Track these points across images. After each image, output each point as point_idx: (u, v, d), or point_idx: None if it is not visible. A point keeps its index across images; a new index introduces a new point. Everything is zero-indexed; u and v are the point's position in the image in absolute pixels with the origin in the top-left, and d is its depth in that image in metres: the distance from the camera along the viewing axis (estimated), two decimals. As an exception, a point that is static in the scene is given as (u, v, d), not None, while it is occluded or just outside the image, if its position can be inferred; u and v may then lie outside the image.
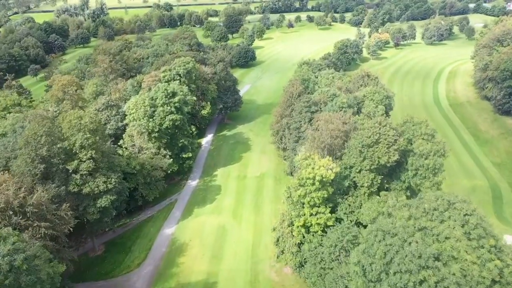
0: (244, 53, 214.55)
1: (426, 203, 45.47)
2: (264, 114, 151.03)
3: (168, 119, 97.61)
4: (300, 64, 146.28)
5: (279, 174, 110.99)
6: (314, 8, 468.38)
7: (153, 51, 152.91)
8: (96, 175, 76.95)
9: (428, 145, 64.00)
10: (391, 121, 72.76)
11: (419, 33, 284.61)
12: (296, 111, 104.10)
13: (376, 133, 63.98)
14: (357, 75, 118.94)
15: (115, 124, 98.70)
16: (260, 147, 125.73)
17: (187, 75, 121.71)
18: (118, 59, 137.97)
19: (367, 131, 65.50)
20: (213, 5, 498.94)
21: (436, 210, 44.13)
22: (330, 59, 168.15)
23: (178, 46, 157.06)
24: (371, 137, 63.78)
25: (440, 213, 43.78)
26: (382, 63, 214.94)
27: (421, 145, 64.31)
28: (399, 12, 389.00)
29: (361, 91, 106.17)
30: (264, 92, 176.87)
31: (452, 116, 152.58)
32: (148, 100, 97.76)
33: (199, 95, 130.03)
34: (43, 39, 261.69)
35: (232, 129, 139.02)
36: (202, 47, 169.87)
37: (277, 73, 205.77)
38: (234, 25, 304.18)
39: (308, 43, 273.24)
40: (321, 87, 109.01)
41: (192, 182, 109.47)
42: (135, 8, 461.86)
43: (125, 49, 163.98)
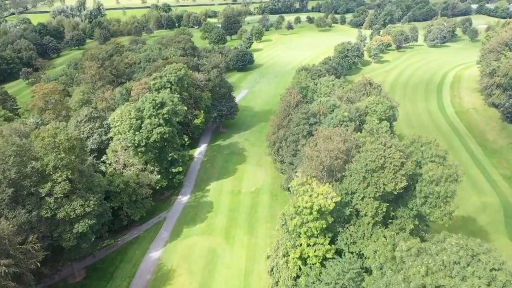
0: (241, 57, 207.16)
1: (445, 253, 38.17)
2: (261, 121, 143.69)
3: (156, 132, 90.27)
4: (299, 70, 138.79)
5: (275, 189, 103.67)
6: (314, 9, 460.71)
7: (145, 56, 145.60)
8: (73, 198, 69.69)
9: (439, 170, 56.61)
10: (397, 140, 65.38)
11: (421, 35, 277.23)
12: (293, 122, 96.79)
13: (381, 156, 56.60)
14: (359, 83, 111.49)
15: (98, 137, 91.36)
16: (256, 159, 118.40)
17: (179, 82, 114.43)
18: (107, 65, 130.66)
19: (370, 153, 58.11)
20: (212, 6, 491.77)
21: (457, 264, 36.87)
22: (330, 64, 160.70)
23: (171, 50, 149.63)
24: (375, 161, 56.42)
25: (462, 268, 36.53)
26: (384, 66, 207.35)
27: (431, 170, 56.93)
28: (401, 13, 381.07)
29: (363, 101, 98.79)
30: (261, 97, 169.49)
31: (458, 124, 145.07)
32: (134, 112, 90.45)
33: (192, 103, 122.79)
34: (37, 41, 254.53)
35: (227, 139, 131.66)
36: (197, 51, 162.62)
37: (276, 77, 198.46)
38: (233, 26, 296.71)
39: (308, 46, 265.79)
40: (320, 97, 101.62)
41: (182, 198, 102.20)
42: (133, 9, 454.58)
43: (117, 53, 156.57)
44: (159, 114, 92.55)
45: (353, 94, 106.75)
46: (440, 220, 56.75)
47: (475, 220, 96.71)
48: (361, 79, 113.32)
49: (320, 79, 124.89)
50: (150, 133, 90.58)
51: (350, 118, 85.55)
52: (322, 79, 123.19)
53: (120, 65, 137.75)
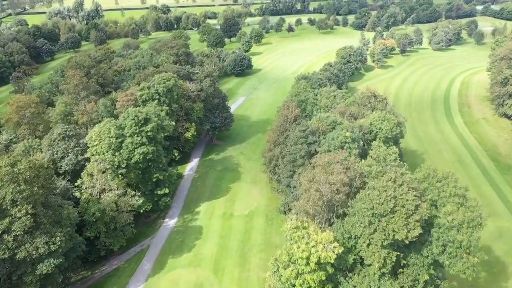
0: (239, 61, 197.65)
1: None
2: (257, 132, 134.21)
3: (138, 152, 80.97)
4: (298, 78, 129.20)
5: (271, 212, 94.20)
6: (316, 10, 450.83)
7: (135, 63, 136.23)
8: (36, 234, 60.48)
9: (459, 213, 47.14)
10: (408, 174, 55.72)
11: (425, 38, 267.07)
12: (290, 140, 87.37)
13: (390, 197, 47.12)
14: (363, 95, 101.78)
15: (74, 158, 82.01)
16: (250, 176, 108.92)
17: (168, 94, 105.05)
18: (93, 73, 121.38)
19: (377, 193, 48.62)
20: (213, 7, 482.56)
21: None
22: (332, 71, 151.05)
23: (163, 57, 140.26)
24: (384, 203, 46.94)
25: None
26: (388, 72, 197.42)
27: (450, 213, 47.42)
28: (404, 15, 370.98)
29: (367, 118, 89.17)
30: (259, 106, 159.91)
31: (467, 136, 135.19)
32: (114, 130, 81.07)
33: (183, 115, 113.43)
34: (30, 44, 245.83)
35: (221, 152, 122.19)
36: (191, 57, 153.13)
37: (275, 83, 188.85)
38: (232, 28, 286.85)
39: (309, 49, 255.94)
40: (320, 111, 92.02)
41: (169, 222, 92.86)
42: (132, 10, 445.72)
43: (106, 59, 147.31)
44: (142, 132, 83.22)
45: (356, 108, 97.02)
46: (462, 274, 47.24)
47: (490, 248, 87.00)
48: (364, 90, 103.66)
49: (321, 89, 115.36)
50: (131, 154, 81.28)
51: (353, 139, 75.99)
52: (322, 90, 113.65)
53: (108, 73, 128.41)
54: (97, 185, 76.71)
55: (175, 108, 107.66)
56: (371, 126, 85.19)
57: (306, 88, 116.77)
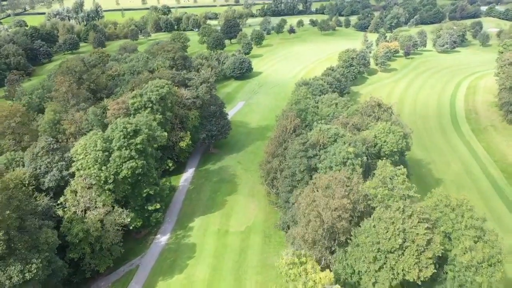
0: (239, 64, 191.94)
1: None
2: (256, 140, 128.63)
3: (126, 167, 75.54)
4: (298, 84, 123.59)
5: (268, 229, 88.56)
6: (318, 11, 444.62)
7: (129, 68, 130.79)
8: (9, 261, 55.26)
9: (478, 251, 41.46)
10: (417, 196, 50.02)
11: (429, 39, 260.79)
12: (289, 153, 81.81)
13: (399, 231, 41.50)
14: (366, 104, 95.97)
15: (58, 173, 76.59)
16: (248, 188, 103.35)
17: (161, 101, 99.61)
18: (85, 79, 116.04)
19: (384, 225, 43.00)
20: (214, 7, 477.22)
21: None
22: (334, 76, 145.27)
23: (159, 61, 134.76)
24: (391, 238, 41.33)
25: None
26: (392, 76, 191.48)
27: (467, 251, 41.74)
28: (407, 16, 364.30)
29: (371, 129, 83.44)
30: (259, 111, 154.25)
31: (475, 144, 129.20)
32: (100, 142, 75.65)
33: (178, 123, 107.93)
34: (27, 45, 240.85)
35: (217, 162, 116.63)
36: (189, 61, 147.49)
37: (275, 87, 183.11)
38: (232, 30, 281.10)
39: (311, 51, 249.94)
40: (321, 123, 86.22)
41: (161, 238, 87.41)
42: (133, 10, 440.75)
43: (100, 63, 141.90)
44: (131, 145, 77.75)
45: (359, 118, 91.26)
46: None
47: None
48: (368, 99, 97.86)
49: (322, 96, 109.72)
50: (119, 168, 75.88)
51: (356, 154, 70.30)
52: (324, 97, 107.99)
53: (101, 78, 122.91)
54: (81, 202, 71.27)
55: (169, 117, 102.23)
56: (376, 138, 79.52)
57: (307, 94, 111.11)
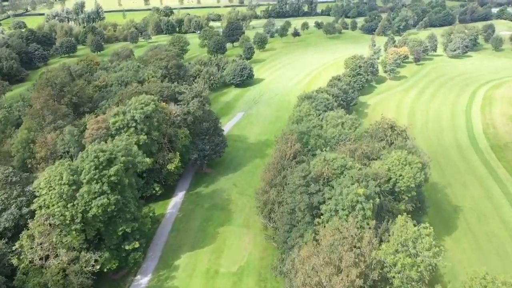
0: (239, 71, 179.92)
1: None
2: (255, 158, 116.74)
3: (95, 204, 63.89)
4: (301, 98, 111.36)
5: (265, 269, 76.41)
6: (324, 12, 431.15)
7: (117, 78, 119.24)
8: None
9: None
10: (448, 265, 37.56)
11: (440, 43, 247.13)
12: (288, 187, 69.82)
13: None
14: (378, 126, 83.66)
15: (16, 211, 65.14)
16: (243, 217, 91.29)
17: (146, 120, 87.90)
18: (67, 91, 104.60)
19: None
20: (218, 8, 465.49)
21: None
22: (340, 86, 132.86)
23: (150, 70, 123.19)
24: None
25: None
26: (401, 84, 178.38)
27: None
28: (416, 18, 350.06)
29: (384, 159, 71.10)
30: (259, 123, 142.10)
31: (495, 163, 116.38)
32: (67, 175, 64.13)
33: (166, 142, 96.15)
34: (22, 49, 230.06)
35: (210, 184, 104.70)
36: (183, 70, 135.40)
37: (277, 95, 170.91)
38: (235, 33, 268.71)
39: (316, 55, 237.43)
40: (325, 150, 74.04)
41: (141, 280, 75.57)
42: (134, 11, 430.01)
43: (88, 73, 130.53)
44: (103, 177, 66.05)
45: (369, 142, 78.88)
46: None
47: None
48: (379, 119, 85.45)
49: (327, 113, 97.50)
50: (88, 205, 64.27)
51: (368, 196, 58.08)
52: (329, 115, 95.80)
53: (85, 90, 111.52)
54: (39, 250, 59.69)
55: (155, 137, 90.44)
56: (389, 172, 67.14)
57: (310, 111, 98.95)
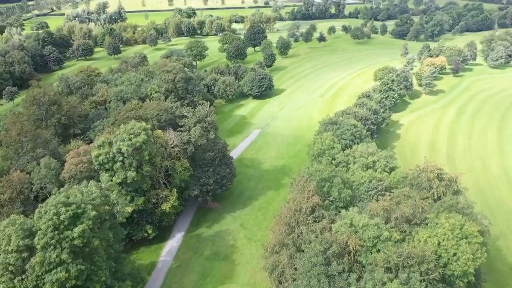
0: (258, 81, 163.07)
1: None
2: (268, 189, 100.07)
3: (49, 279, 48.72)
4: (324, 123, 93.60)
5: None
6: (351, 15, 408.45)
7: (117, 93, 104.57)
8: None
9: None
10: None
11: (478, 50, 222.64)
12: (302, 264, 52.75)
13: None
14: (419, 173, 65.17)
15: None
16: (248, 273, 74.56)
17: (136, 153, 72.55)
18: (54, 111, 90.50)
19: None
20: (242, 10, 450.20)
21: None
22: (370, 106, 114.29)
23: (154, 85, 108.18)
24: None
25: None
26: (439, 100, 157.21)
27: None
28: (451, 22, 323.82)
29: (432, 228, 52.95)
30: (276, 144, 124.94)
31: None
32: (16, 238, 49.28)
33: (162, 177, 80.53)
34: (37, 51, 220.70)
35: (214, 223, 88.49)
36: (192, 84, 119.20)
37: (299, 109, 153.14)
38: (257, 37, 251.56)
39: (343, 63, 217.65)
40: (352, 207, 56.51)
41: None
42: (158, 12, 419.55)
43: (86, 86, 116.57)
44: (64, 241, 50.89)
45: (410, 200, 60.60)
46: None
47: None
48: (423, 165, 66.86)
49: (355, 148, 79.70)
50: (40, 280, 49.18)
51: None
52: (357, 150, 78.10)
53: (77, 109, 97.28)
54: None
55: (147, 172, 74.97)
56: (439, 248, 49.06)
57: (333, 143, 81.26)
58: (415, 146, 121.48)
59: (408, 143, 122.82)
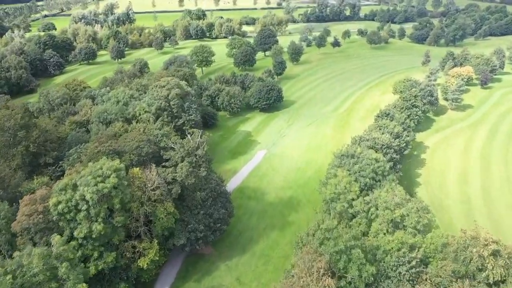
0: (266, 93, 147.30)
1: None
2: (272, 230, 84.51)
3: None
4: (338, 157, 77.38)
5: None
6: (367, 17, 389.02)
7: (100, 114, 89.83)
8: None
9: None
10: None
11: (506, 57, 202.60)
12: None
13: None
14: (466, 244, 48.69)
15: None
16: None
17: (104, 201, 57.70)
18: (21, 137, 76.26)
19: None
20: (254, 11, 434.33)
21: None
22: (391, 128, 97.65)
23: (144, 102, 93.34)
24: None
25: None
26: (467, 116, 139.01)
27: None
28: (473, 25, 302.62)
29: None
30: (283, 169, 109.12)
31: None
32: None
33: (142, 225, 65.52)
34: (36, 56, 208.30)
35: (206, 275, 73.19)
36: (189, 99, 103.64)
37: (311, 125, 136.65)
38: (267, 41, 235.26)
39: (358, 71, 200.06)
40: None
41: None
42: (168, 13, 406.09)
43: (68, 102, 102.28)
44: None
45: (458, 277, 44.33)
46: None
47: None
48: (471, 232, 50.36)
49: (377, 192, 63.48)
50: None
51: None
52: (380, 196, 61.76)
53: (51, 134, 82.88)
54: None
55: (119, 222, 60.09)
56: None
57: (350, 186, 65.20)
58: (443, 175, 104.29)
59: (434, 172, 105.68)
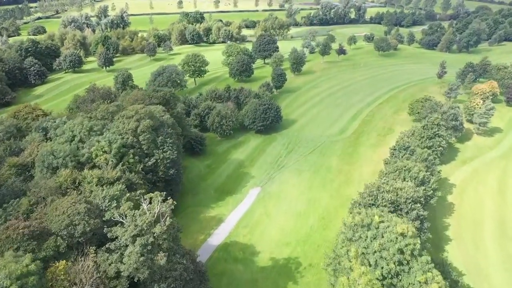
0: (262, 113, 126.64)
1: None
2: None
3: None
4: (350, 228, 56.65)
5: None
6: (373, 20, 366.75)
7: (45, 156, 69.28)
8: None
9: None
10: None
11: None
12: None
13: None
14: None
15: None
16: None
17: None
18: None
19: None
20: (256, 13, 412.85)
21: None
22: (411, 170, 76.69)
23: (105, 139, 72.84)
24: None
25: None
26: (497, 143, 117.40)
27: None
28: (487, 30, 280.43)
29: None
30: (279, 215, 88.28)
31: None
32: None
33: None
34: (16, 64, 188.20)
35: None
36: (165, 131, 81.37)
37: (313, 153, 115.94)
38: (267, 48, 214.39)
39: (366, 82, 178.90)
40: None
41: None
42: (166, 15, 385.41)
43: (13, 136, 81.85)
44: None
45: None
46: None
47: None
48: None
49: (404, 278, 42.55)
50: None
51: None
52: None
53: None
54: None
55: None
56: None
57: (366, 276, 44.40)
58: (477, 226, 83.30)
59: (466, 221, 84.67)
